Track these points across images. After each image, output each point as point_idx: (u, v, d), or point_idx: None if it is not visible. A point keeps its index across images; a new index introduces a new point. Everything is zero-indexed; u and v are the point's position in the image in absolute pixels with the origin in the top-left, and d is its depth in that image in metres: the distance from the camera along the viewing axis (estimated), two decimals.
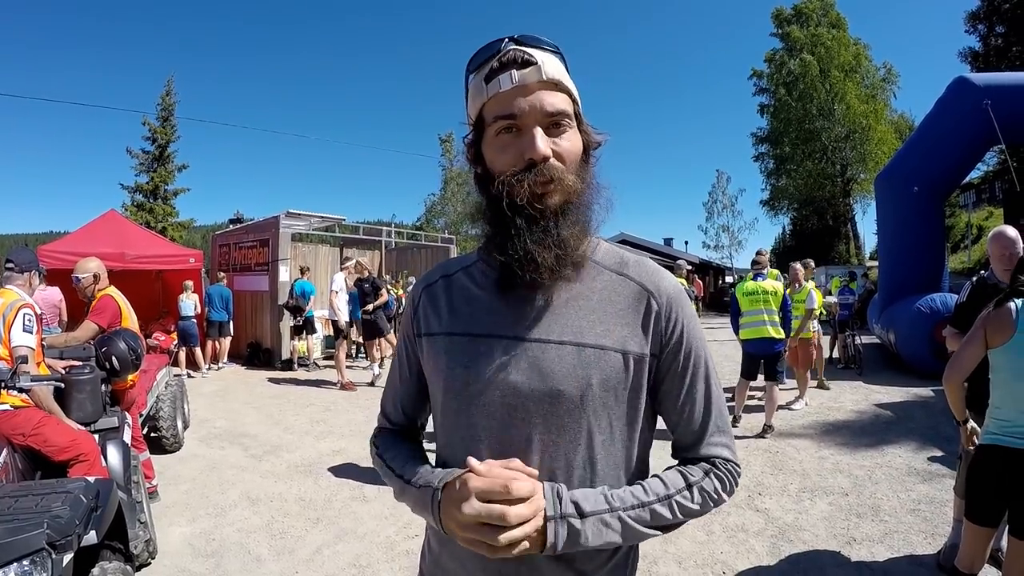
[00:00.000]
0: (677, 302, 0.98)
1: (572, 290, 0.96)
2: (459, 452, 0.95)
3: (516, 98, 0.90)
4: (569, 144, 0.93)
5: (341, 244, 15.80)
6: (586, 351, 0.91)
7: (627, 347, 0.93)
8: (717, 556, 3.53)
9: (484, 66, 0.94)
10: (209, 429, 6.65)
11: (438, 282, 1.08)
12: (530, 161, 0.89)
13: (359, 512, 4.26)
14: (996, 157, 20.62)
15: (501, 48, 0.92)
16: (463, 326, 0.99)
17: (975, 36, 26.29)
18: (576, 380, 0.90)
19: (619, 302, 0.96)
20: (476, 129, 0.98)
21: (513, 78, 0.90)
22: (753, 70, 36.10)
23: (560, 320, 0.94)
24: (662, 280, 0.99)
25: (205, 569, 3.42)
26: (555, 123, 0.92)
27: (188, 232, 33.49)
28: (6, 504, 1.95)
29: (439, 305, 1.05)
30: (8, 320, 3.06)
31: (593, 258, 1.00)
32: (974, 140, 9.22)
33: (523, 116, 0.90)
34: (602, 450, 0.93)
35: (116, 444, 3.40)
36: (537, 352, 0.92)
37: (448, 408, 0.99)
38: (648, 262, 1.02)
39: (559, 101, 0.92)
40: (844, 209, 35.05)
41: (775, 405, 6.27)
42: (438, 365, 1.00)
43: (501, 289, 0.97)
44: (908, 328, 9.23)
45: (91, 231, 10.00)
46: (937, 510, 4.06)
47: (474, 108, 0.97)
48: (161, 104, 30.05)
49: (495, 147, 0.94)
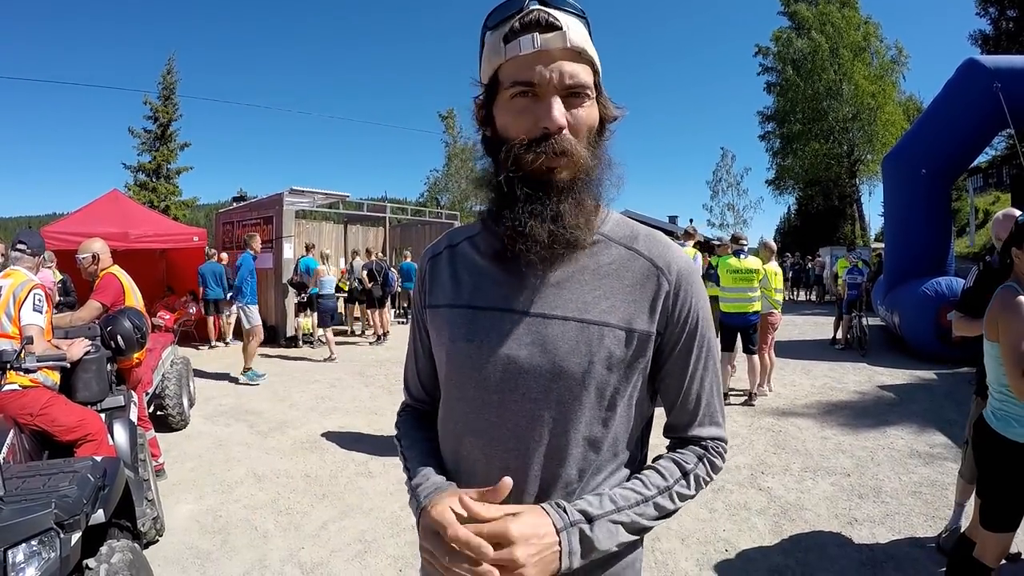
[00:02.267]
0: (688, 280, 0.95)
1: (579, 264, 0.94)
2: (459, 425, 0.96)
3: (536, 64, 0.86)
4: (586, 116, 0.90)
5: (345, 221, 15.76)
6: (590, 327, 0.90)
7: (633, 324, 0.91)
8: (719, 534, 3.56)
9: (504, 24, 0.88)
10: (215, 407, 6.69)
11: (443, 252, 1.07)
12: (545, 130, 0.86)
13: (364, 488, 4.30)
14: (1004, 142, 20.39)
15: (524, 6, 0.87)
16: (466, 298, 0.98)
17: (986, 19, 25.94)
18: (578, 356, 0.89)
19: (627, 278, 0.94)
20: (489, 90, 0.93)
21: (536, 42, 0.85)
22: (758, 47, 35.52)
23: (565, 295, 0.92)
24: (673, 257, 0.96)
25: (212, 545, 3.47)
26: (574, 93, 0.88)
27: (191, 211, 33.45)
28: (14, 485, 1.96)
29: (443, 276, 1.03)
30: (19, 299, 3.12)
31: (602, 231, 0.97)
32: (983, 123, 9.09)
33: (542, 84, 0.86)
34: (602, 427, 0.92)
35: (123, 423, 3.43)
36: (540, 327, 0.91)
37: (450, 381, 0.98)
38: (660, 236, 1.00)
39: (581, 72, 0.88)
40: (850, 190, 34.74)
41: (757, 374, 6.72)
42: (441, 337, 1.00)
43: (498, 260, 0.95)
44: (913, 311, 9.21)
45: (94, 211, 9.96)
46: (938, 493, 4.08)
47: (489, 68, 0.91)
48: (162, 82, 29.87)
49: (509, 111, 0.90)
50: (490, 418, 0.92)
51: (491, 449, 0.92)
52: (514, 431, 0.91)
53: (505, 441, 0.91)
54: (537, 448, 0.90)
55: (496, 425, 0.91)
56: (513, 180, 0.88)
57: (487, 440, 0.92)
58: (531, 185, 0.88)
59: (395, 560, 3.31)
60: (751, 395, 6.68)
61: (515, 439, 0.91)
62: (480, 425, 0.93)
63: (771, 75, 35.21)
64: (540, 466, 0.90)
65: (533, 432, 0.90)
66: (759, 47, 35.56)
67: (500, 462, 0.91)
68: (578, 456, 0.91)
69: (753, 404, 6.56)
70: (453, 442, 0.99)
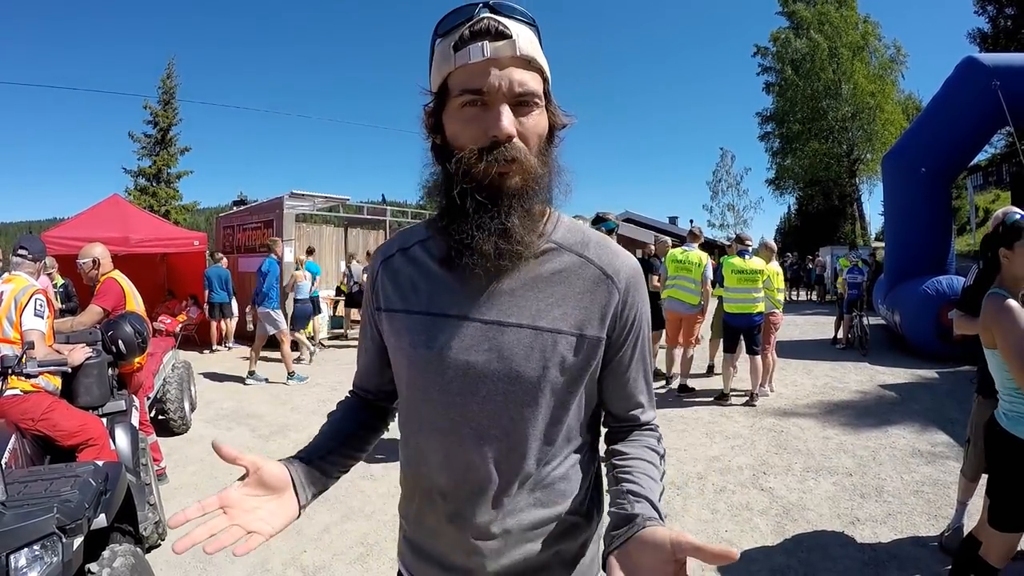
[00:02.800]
0: (635, 287, 1.01)
1: (532, 272, 0.96)
2: (422, 429, 1.00)
3: (486, 72, 0.86)
4: (534, 124, 0.91)
5: (346, 224, 15.75)
6: (543, 334, 0.93)
7: (584, 331, 0.95)
8: (722, 534, 3.56)
9: (453, 32, 0.89)
10: (216, 410, 6.70)
11: (395, 255, 1.07)
12: (494, 139, 0.87)
13: (366, 490, 4.30)
14: (1003, 140, 20.36)
15: (474, 15, 0.87)
16: (423, 304, 0.99)
17: (984, 17, 25.91)
18: (533, 362, 0.92)
19: (578, 285, 0.97)
20: (438, 97, 0.94)
21: (485, 50, 0.86)
22: (757, 47, 35.57)
23: (519, 302, 0.95)
24: (622, 264, 1.00)
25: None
26: (523, 102, 0.89)
27: (192, 215, 33.57)
28: (16, 489, 1.96)
29: (398, 280, 1.04)
30: (21, 304, 3.13)
31: (553, 238, 0.99)
32: (982, 121, 9.10)
33: (491, 92, 0.87)
34: (557, 423, 0.97)
35: (124, 427, 3.44)
36: (495, 334, 0.93)
37: (413, 384, 1.01)
38: (610, 243, 1.03)
39: (530, 80, 0.89)
40: (850, 189, 34.76)
41: (759, 375, 6.68)
42: (400, 343, 1.01)
43: (447, 268, 0.97)
44: (914, 310, 9.20)
45: (94, 216, 9.95)
46: (940, 492, 4.08)
47: (438, 75, 0.92)
48: (162, 87, 29.99)
49: (458, 120, 0.90)
50: (453, 417, 0.96)
51: (454, 445, 0.97)
52: (476, 429, 0.95)
53: (466, 438, 0.95)
54: (496, 444, 0.95)
55: (458, 423, 0.95)
56: (465, 192, 0.89)
57: (450, 436, 0.96)
58: (482, 194, 0.88)
59: (396, 563, 3.30)
60: (753, 395, 6.67)
61: (476, 436, 0.95)
62: (443, 424, 0.97)
63: (770, 75, 35.29)
64: (499, 460, 0.95)
65: (493, 430, 0.95)
66: (758, 47, 35.64)
67: (462, 456, 0.96)
68: (535, 449, 0.96)
69: (755, 405, 6.55)
70: (417, 438, 1.02)
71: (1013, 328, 2.15)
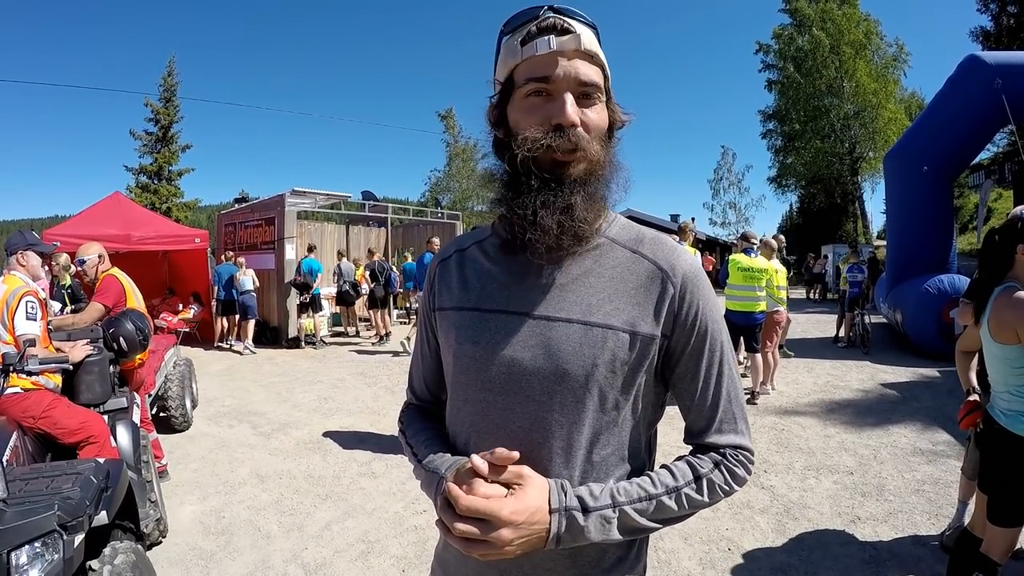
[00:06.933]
0: (694, 283, 0.95)
1: (584, 266, 0.95)
2: (465, 427, 0.98)
3: (552, 63, 0.89)
4: (597, 117, 0.92)
5: (347, 221, 15.75)
6: (593, 330, 0.90)
7: (637, 327, 0.91)
8: (722, 532, 3.56)
9: (520, 29, 0.92)
10: (218, 408, 6.70)
11: (452, 256, 1.08)
12: (557, 125, 0.88)
13: (367, 488, 4.30)
14: (1006, 138, 20.29)
15: (540, 14, 0.91)
16: (473, 301, 0.99)
17: (987, 15, 25.77)
18: (582, 359, 0.89)
19: (632, 281, 0.94)
20: (503, 91, 0.96)
21: (551, 43, 0.89)
22: (759, 44, 35.42)
23: (569, 297, 0.93)
24: (678, 259, 0.96)
25: (216, 546, 3.47)
26: (586, 94, 0.91)
27: (193, 212, 33.62)
28: (17, 487, 1.97)
29: (452, 280, 1.04)
30: (11, 308, 3.08)
31: (608, 234, 0.98)
32: (984, 120, 9.06)
33: (556, 80, 0.89)
34: (605, 430, 0.92)
35: (125, 425, 3.44)
36: (544, 329, 0.91)
37: (456, 383, 0.99)
38: (666, 240, 1.00)
39: (593, 73, 0.92)
40: (852, 188, 34.64)
41: (760, 372, 6.71)
42: (448, 340, 1.01)
43: (506, 259, 0.97)
44: (915, 308, 9.16)
45: (96, 213, 9.99)
46: (941, 491, 4.07)
47: (504, 70, 0.95)
48: (163, 85, 30.02)
49: (522, 109, 0.92)
50: (495, 420, 0.93)
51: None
52: (519, 433, 0.91)
53: (510, 444, 0.89)
54: (541, 450, 0.90)
55: (501, 427, 0.92)
56: (529, 165, 0.90)
57: (492, 442, 0.91)
58: (543, 176, 0.90)
59: (398, 560, 3.31)
60: (754, 394, 6.68)
61: (520, 442, 0.90)
62: (485, 427, 0.94)
63: (772, 72, 35.08)
64: (544, 468, 0.90)
65: (537, 435, 0.90)
66: (760, 44, 35.42)
67: None
68: (582, 459, 0.91)
69: (756, 403, 6.56)
70: (459, 444, 0.99)
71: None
